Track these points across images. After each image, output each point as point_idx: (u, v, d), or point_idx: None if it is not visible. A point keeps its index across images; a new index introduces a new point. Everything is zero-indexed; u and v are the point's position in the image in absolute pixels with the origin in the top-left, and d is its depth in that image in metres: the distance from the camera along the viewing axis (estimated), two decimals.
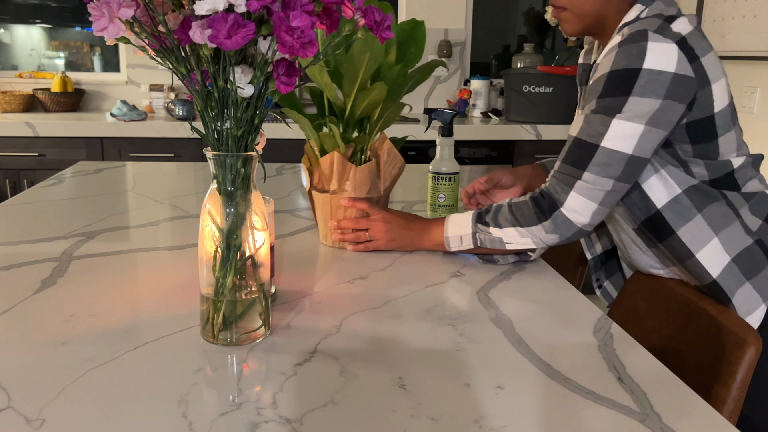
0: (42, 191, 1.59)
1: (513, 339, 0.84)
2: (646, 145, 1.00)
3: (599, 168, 1.01)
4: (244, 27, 0.66)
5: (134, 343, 0.79)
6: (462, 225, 1.11)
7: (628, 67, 0.97)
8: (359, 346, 0.80)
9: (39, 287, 0.97)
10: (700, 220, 1.04)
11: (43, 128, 2.80)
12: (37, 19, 3.44)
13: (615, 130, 0.99)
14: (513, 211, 1.07)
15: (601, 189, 1.02)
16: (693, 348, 0.99)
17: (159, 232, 1.27)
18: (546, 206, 1.05)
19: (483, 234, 1.09)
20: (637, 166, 1.01)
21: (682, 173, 1.04)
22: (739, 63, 2.73)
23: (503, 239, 1.08)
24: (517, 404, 0.68)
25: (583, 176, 1.02)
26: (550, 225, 1.05)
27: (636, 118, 0.98)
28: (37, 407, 0.65)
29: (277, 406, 0.66)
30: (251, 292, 0.80)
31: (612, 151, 1.00)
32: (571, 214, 1.03)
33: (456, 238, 1.12)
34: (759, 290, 1.03)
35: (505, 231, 1.07)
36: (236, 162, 0.76)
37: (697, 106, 1.00)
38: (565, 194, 1.03)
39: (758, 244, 1.04)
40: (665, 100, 0.97)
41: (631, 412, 0.67)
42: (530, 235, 1.06)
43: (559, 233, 1.05)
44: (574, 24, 1.11)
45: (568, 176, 1.04)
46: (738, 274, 1.03)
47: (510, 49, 3.75)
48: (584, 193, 1.02)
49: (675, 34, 0.97)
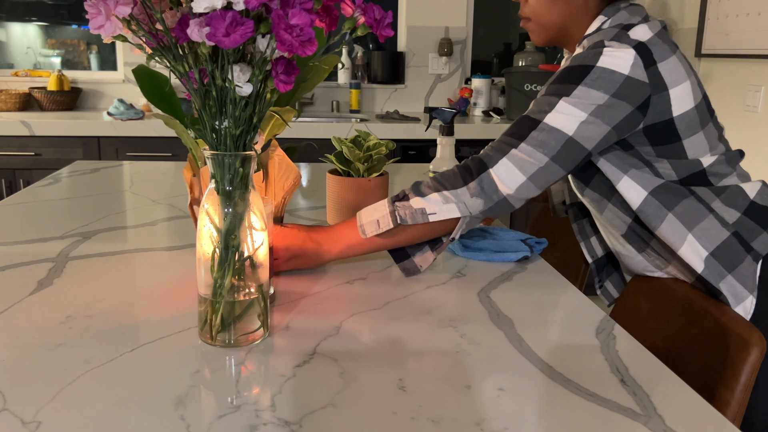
0: (38, 191, 1.59)
1: (514, 340, 0.83)
2: (587, 133, 1.00)
3: (536, 142, 1.00)
4: (242, 25, 0.65)
5: (131, 344, 0.79)
6: (377, 209, 1.04)
7: (582, 63, 1.00)
8: (359, 347, 0.80)
9: (35, 288, 0.96)
10: (672, 219, 1.04)
11: (40, 127, 2.79)
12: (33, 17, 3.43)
13: (559, 110, 1.00)
14: (437, 178, 1.05)
15: (533, 163, 1.00)
16: (696, 349, 0.99)
17: (156, 232, 1.27)
18: (474, 167, 1.03)
19: (403, 209, 1.02)
20: (573, 151, 1.01)
21: (647, 174, 1.05)
22: (743, 61, 2.72)
23: (426, 209, 1.01)
24: (518, 406, 0.67)
25: (520, 146, 1.01)
26: (476, 187, 1.01)
27: (581, 105, 0.99)
28: (33, 409, 0.64)
29: (275, 409, 0.66)
30: (250, 293, 0.79)
31: (552, 128, 1.00)
32: (499, 178, 1.01)
33: (371, 223, 1.03)
34: (742, 282, 1.03)
35: (429, 198, 1.02)
36: (234, 161, 0.75)
37: (652, 111, 1.01)
38: (496, 159, 1.02)
39: (735, 236, 1.04)
40: (612, 97, 0.98)
41: (633, 414, 0.66)
42: (455, 198, 1.01)
43: (484, 198, 1.01)
44: (538, 34, 1.15)
45: (504, 144, 1.03)
46: (719, 267, 1.03)
47: (511, 47, 3.75)
48: (516, 162, 1.01)
49: (632, 41, 1.00)
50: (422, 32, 3.50)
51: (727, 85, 2.82)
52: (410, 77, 3.53)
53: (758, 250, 1.03)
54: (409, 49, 3.51)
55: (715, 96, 2.89)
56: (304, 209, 1.48)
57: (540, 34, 1.15)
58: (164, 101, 1.03)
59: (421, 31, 3.50)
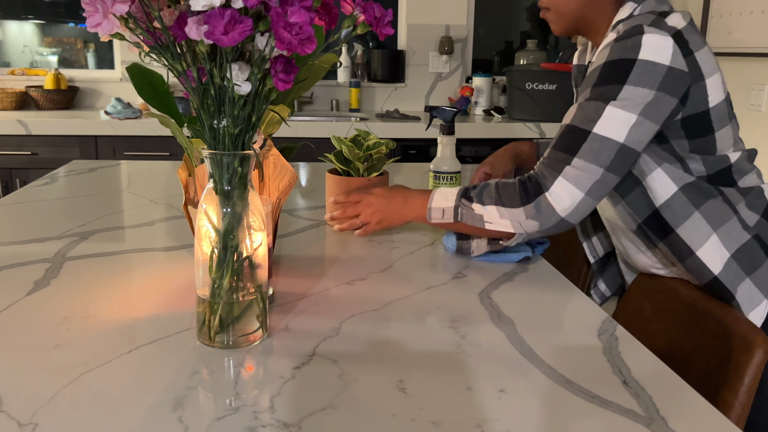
0: (35, 191, 1.58)
1: (516, 341, 0.83)
2: (637, 136, 0.99)
3: (590, 154, 1.00)
4: (241, 23, 0.65)
5: (129, 345, 0.79)
6: (447, 198, 1.11)
7: (623, 57, 0.99)
8: (359, 348, 0.80)
9: (31, 289, 0.96)
10: (698, 218, 1.04)
11: (36, 126, 2.78)
12: (29, 15, 3.42)
13: (608, 117, 0.99)
14: (499, 190, 1.06)
15: (589, 177, 1.00)
16: (700, 351, 0.99)
17: (154, 232, 1.27)
18: (531, 189, 1.03)
19: (465, 209, 1.08)
20: (626, 158, 1.00)
21: (679, 170, 1.04)
22: (747, 60, 2.70)
23: (484, 217, 1.07)
24: (519, 408, 0.67)
25: (573, 162, 1.01)
26: (532, 209, 1.03)
27: (629, 107, 0.98)
28: (30, 411, 0.64)
29: (274, 410, 0.65)
30: (248, 294, 0.79)
31: (604, 138, 0.99)
32: (555, 201, 1.01)
33: (438, 210, 1.11)
34: (759, 286, 1.03)
35: (487, 209, 1.06)
36: (233, 161, 0.75)
37: (690, 101, 1.01)
38: (552, 179, 1.02)
39: (756, 239, 1.04)
40: (658, 91, 0.98)
41: (636, 416, 0.66)
42: (510, 216, 1.05)
43: (540, 220, 1.03)
44: (558, 24, 1.15)
45: (557, 161, 1.03)
46: (738, 270, 1.03)
47: (513, 45, 3.74)
48: (572, 179, 1.01)
49: (670, 28, 0.99)
50: (423, 30, 3.49)
51: (731, 83, 2.81)
52: (410, 76, 3.53)
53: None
54: (409, 48, 3.50)
55: None
56: (303, 209, 1.48)
57: (559, 24, 1.15)
58: (159, 100, 1.02)
59: (421, 29, 3.49)
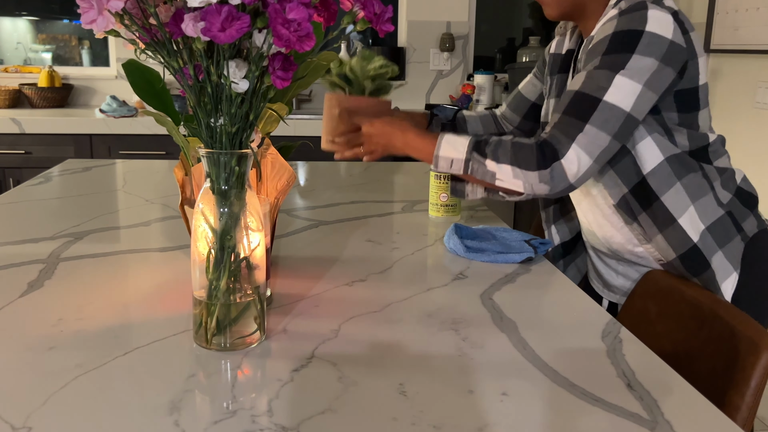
0: (28, 190, 1.57)
1: (518, 344, 0.82)
2: (641, 106, 1.04)
3: (600, 122, 1.03)
4: (238, 19, 0.65)
5: (124, 348, 0.78)
6: (456, 148, 1.11)
7: (631, 28, 1.03)
8: (358, 351, 0.79)
9: (25, 290, 0.96)
10: (679, 188, 1.10)
11: (30, 125, 2.76)
12: (23, 12, 3.41)
13: (617, 85, 1.03)
14: (515, 150, 1.07)
15: (598, 145, 1.04)
16: (705, 353, 0.99)
17: (150, 232, 1.26)
18: (548, 154, 1.05)
19: (477, 164, 1.09)
20: (630, 127, 1.05)
21: (666, 141, 1.10)
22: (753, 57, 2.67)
23: (496, 174, 1.08)
24: (522, 411, 0.67)
25: (585, 128, 1.04)
26: (547, 174, 1.05)
27: (636, 76, 1.02)
28: (24, 414, 0.64)
29: (272, 414, 0.65)
30: (246, 295, 0.78)
31: (613, 106, 1.03)
32: (568, 167, 1.04)
33: (446, 160, 1.12)
34: (729, 259, 1.10)
35: (502, 167, 1.08)
36: (230, 160, 0.74)
37: (686, 76, 1.07)
38: (567, 145, 1.04)
39: (729, 215, 1.11)
40: (661, 63, 1.03)
41: (640, 419, 0.66)
42: (524, 178, 1.06)
43: (551, 185, 1.06)
44: (553, 8, 1.18)
45: (570, 127, 1.05)
46: (711, 242, 1.10)
47: (515, 42, 3.74)
48: (583, 146, 1.04)
49: (668, 8, 1.06)
50: (423, 27, 3.48)
51: (737, 81, 2.79)
52: (411, 73, 3.52)
53: (747, 231, 1.12)
54: (409, 45, 3.49)
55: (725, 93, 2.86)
56: (301, 209, 1.47)
57: (554, 8, 1.17)
58: (155, 97, 1.02)
59: (422, 26, 3.48)
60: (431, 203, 1.38)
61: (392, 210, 1.46)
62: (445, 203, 1.36)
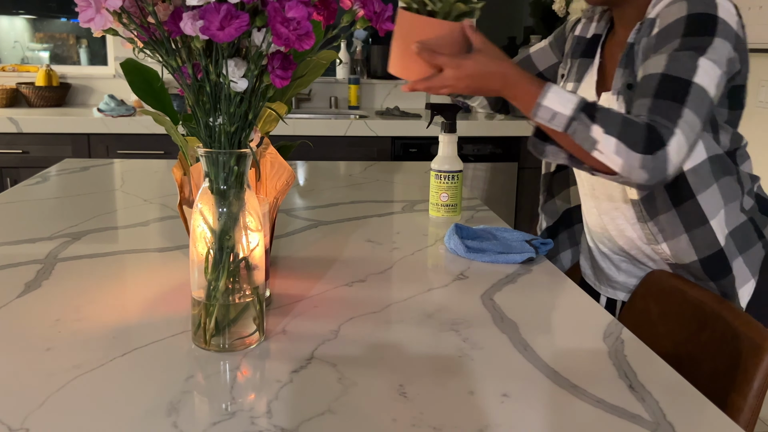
0: (26, 190, 1.57)
1: (519, 344, 0.82)
2: (718, 91, 0.98)
3: (694, 105, 0.95)
4: (237, 18, 0.64)
5: (122, 348, 0.78)
6: (563, 103, 0.97)
7: (707, 12, 0.98)
8: (358, 352, 0.79)
9: (23, 291, 0.95)
10: (715, 190, 1.05)
11: (27, 124, 2.75)
12: (20, 10, 3.40)
13: (703, 66, 0.96)
14: (625, 124, 0.95)
15: (694, 129, 0.95)
16: (708, 354, 0.98)
17: (148, 232, 1.26)
18: (656, 140, 0.95)
19: (581, 125, 0.96)
20: (710, 111, 0.97)
21: (710, 140, 1.05)
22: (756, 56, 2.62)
23: (598, 144, 0.95)
24: (523, 413, 0.66)
25: (684, 113, 0.94)
26: (651, 161, 0.95)
27: (718, 60, 0.97)
28: (21, 416, 0.64)
29: (272, 415, 0.65)
30: (245, 296, 0.78)
31: (702, 89, 0.96)
32: (672, 156, 0.95)
33: (548, 111, 0.97)
34: (749, 265, 1.08)
35: (608, 138, 0.95)
36: (229, 159, 0.74)
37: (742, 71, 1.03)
38: (670, 134, 0.95)
39: (751, 222, 1.08)
40: (734, 51, 0.99)
41: (642, 421, 0.65)
42: (626, 157, 0.94)
43: (650, 174, 0.95)
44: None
45: (669, 111, 0.95)
46: (733, 247, 1.07)
47: (516, 40, 3.73)
48: (685, 132, 0.95)
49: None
50: None
51: None
52: None
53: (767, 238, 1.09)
54: None
55: None
56: (301, 209, 1.47)
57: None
58: (153, 97, 1.01)
59: None
60: (431, 203, 1.38)
61: (392, 210, 1.46)
62: (446, 203, 1.36)
